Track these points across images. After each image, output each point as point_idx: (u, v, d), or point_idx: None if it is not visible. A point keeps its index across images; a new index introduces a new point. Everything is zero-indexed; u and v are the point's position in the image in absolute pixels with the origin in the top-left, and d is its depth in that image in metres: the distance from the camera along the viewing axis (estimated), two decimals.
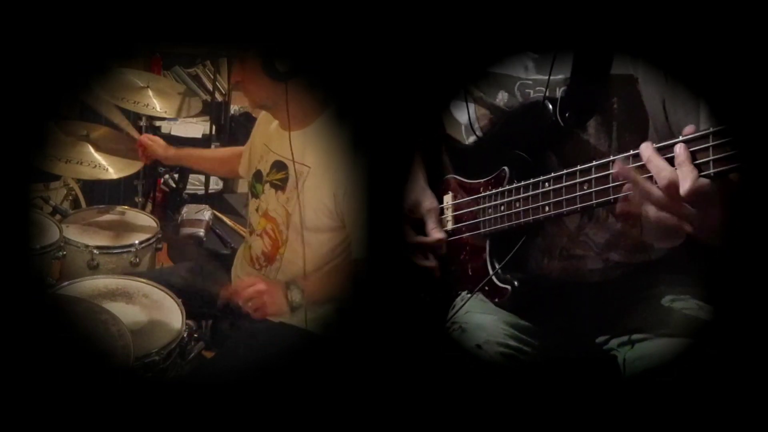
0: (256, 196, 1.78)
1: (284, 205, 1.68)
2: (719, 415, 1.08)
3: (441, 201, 1.43)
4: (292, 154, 1.63)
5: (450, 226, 1.39)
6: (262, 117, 1.85)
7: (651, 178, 0.99)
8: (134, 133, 2.26)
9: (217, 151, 2.44)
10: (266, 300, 1.57)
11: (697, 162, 0.95)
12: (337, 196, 1.58)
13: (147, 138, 2.23)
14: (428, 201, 1.41)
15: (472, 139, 1.38)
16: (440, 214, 1.41)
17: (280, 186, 1.69)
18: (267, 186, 1.73)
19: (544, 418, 1.20)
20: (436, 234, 1.37)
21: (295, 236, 1.68)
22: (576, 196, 1.13)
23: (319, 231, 1.66)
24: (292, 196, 1.66)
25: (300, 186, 1.64)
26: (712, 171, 0.94)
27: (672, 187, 0.95)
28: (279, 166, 1.70)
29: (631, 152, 1.04)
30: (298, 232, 1.67)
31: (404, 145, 1.45)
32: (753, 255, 1.00)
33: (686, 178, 0.94)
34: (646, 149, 1.00)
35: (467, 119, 1.37)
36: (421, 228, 1.41)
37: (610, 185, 1.08)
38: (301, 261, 1.69)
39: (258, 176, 1.77)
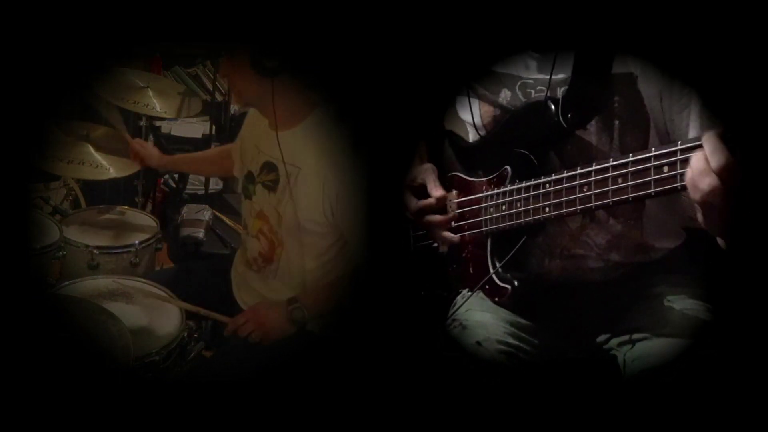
0: (248, 197, 1.76)
1: (275, 206, 1.67)
2: (719, 415, 1.08)
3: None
4: (281, 154, 1.62)
5: (453, 223, 1.39)
6: (250, 117, 1.84)
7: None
8: (127, 137, 2.25)
9: (207, 153, 2.43)
10: (268, 329, 1.61)
11: None
12: (329, 197, 1.58)
13: (139, 143, 2.22)
14: (427, 166, 1.41)
15: (475, 136, 1.38)
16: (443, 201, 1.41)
17: (271, 187, 1.68)
18: (259, 187, 1.72)
19: (543, 417, 1.20)
20: (436, 192, 1.37)
21: (290, 237, 1.68)
22: (575, 198, 1.13)
23: (312, 232, 1.66)
24: (283, 197, 1.65)
25: (290, 187, 1.64)
26: None
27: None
28: (269, 167, 1.68)
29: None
30: (291, 233, 1.67)
31: (404, 145, 1.45)
32: (752, 255, 1.00)
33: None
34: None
35: (471, 116, 1.37)
36: (423, 198, 1.41)
37: (609, 188, 1.08)
38: (298, 262, 1.69)
39: (250, 177, 1.76)
